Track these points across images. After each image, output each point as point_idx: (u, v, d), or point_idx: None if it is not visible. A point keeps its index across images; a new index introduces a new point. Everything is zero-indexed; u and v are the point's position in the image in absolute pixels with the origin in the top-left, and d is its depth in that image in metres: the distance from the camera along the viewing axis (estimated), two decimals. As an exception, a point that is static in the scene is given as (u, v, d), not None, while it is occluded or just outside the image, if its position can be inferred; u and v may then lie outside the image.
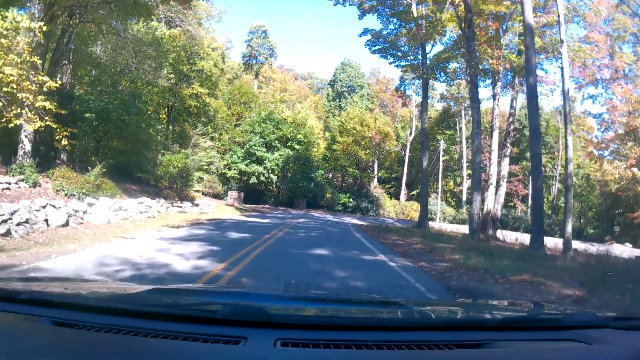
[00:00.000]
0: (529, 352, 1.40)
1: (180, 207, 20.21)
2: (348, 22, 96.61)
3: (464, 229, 23.25)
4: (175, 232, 10.53)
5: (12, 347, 1.20)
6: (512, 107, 24.32)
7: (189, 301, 1.69)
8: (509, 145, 23.52)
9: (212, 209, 22.92)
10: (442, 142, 45.18)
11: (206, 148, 32.56)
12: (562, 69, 17.95)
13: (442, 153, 44.39)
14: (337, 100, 50.87)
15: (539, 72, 25.06)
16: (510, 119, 23.90)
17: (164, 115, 40.00)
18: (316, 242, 10.18)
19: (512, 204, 53.87)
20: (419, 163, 56.74)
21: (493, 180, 22.33)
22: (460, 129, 54.35)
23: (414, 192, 56.71)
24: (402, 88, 59.45)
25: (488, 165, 48.10)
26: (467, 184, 52.79)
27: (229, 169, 35.39)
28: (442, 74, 20.88)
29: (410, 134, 55.40)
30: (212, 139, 39.66)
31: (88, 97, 20.82)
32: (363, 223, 23.43)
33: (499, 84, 23.05)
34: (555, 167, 54.65)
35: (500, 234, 21.73)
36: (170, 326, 1.33)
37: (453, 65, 20.35)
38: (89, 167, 14.90)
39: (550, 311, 2.11)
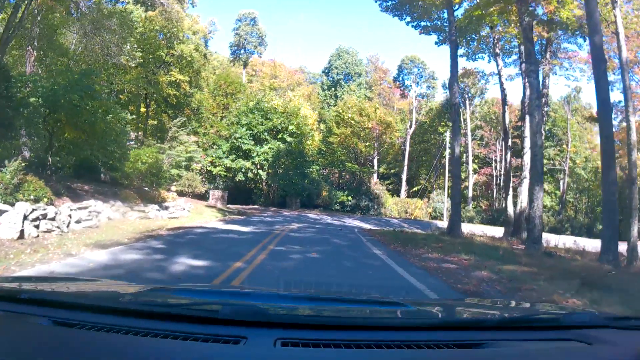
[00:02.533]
0: (529, 352, 1.37)
1: (143, 211, 16.15)
2: (342, 11, 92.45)
3: (488, 230, 19.36)
4: (90, 258, 6.53)
5: (12, 347, 1.20)
6: (543, 85, 20.48)
7: (189, 301, 1.66)
8: (542, 131, 19.69)
9: (187, 213, 18.84)
10: (448, 133, 41.19)
11: (185, 142, 28.35)
12: (617, 34, 14.48)
13: (448, 145, 40.41)
14: (333, 89, 46.48)
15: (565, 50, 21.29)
16: (543, 100, 20.05)
17: (144, 109, 35.96)
18: (321, 272, 6.23)
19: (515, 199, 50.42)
20: (418, 158, 53.76)
21: (526, 172, 18.49)
22: (465, 120, 50.64)
23: (415, 189, 53.12)
24: (400, 78, 55.65)
25: (494, 159, 44.29)
26: (472, 179, 49.17)
27: (214, 166, 31.20)
28: (473, 36, 16.84)
29: (410, 126, 51.63)
30: (196, 133, 35.59)
31: (33, 78, 16.85)
32: (371, 227, 19.49)
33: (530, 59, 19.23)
34: (565, 160, 50.93)
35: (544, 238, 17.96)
36: (170, 326, 1.32)
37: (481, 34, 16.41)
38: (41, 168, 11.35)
39: (550, 311, 2.10)
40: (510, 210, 17.99)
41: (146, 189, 21.14)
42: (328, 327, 1.38)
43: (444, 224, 31.93)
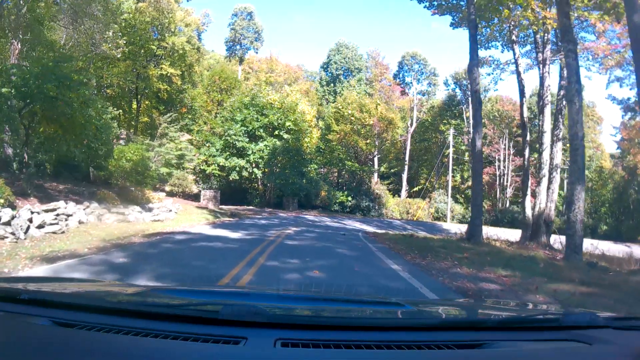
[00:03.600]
0: (529, 352, 1.38)
1: (123, 213, 14.47)
2: (340, 7, 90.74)
3: (501, 233, 17.69)
4: (24, 276, 4.92)
5: (12, 347, 1.20)
6: (562, 77, 18.88)
7: (189, 301, 1.64)
8: (561, 125, 18.14)
9: (174, 215, 17.17)
10: (452, 130, 39.68)
11: (176, 138, 26.61)
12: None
13: (452, 143, 38.88)
14: (332, 84, 44.58)
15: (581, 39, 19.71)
16: (561, 93, 18.47)
17: (135, 106, 34.19)
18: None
19: (520, 199, 48.92)
20: (419, 157, 52.07)
21: (545, 171, 16.93)
22: (467, 118, 49.04)
23: (416, 189, 51.51)
24: (400, 75, 53.96)
25: (497, 158, 43.09)
26: (476, 178, 47.64)
27: (208, 165, 29.40)
28: (487, 22, 15.09)
29: (411, 124, 50.03)
30: (190, 131, 33.86)
31: (5, 67, 15.33)
32: (375, 230, 17.86)
33: (548, 47, 17.65)
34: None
35: (558, 240, 16.36)
36: (170, 326, 1.32)
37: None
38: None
39: (550, 311, 2.09)
40: (529, 212, 16.44)
41: (132, 188, 19.48)
42: (328, 328, 1.38)
43: (450, 226, 30.35)
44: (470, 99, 12.72)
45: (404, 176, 49.02)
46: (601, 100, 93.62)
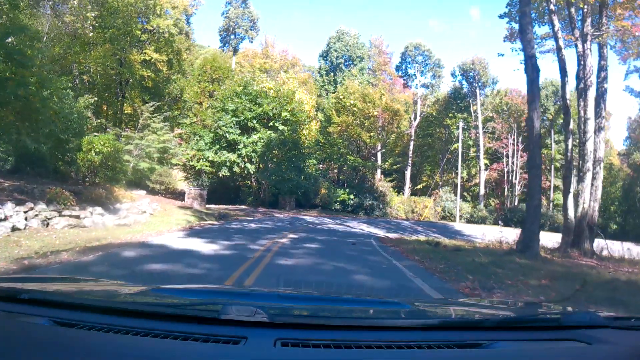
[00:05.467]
0: (529, 352, 1.38)
1: (78, 217, 11.68)
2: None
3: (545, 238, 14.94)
4: None
5: (12, 347, 1.20)
6: (601, 56, 16.17)
7: (189, 301, 1.65)
8: (603, 113, 15.48)
9: (147, 217, 14.39)
10: (461, 123, 36.95)
11: (158, 129, 23.72)
12: None
13: (461, 135, 36.15)
14: (332, 74, 41.52)
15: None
16: (603, 74, 15.75)
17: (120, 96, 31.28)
18: None
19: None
20: (422, 153, 49.37)
21: (589, 164, 14.24)
22: (475, 111, 46.41)
23: (420, 186, 48.88)
24: (403, 67, 51.12)
25: (505, 154, 40.62)
26: (484, 175, 44.97)
27: (197, 160, 26.48)
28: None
29: (415, 118, 47.32)
30: (179, 124, 31.00)
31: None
32: (387, 234, 15.17)
33: (588, 20, 14.92)
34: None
35: (605, 247, 13.68)
36: (170, 326, 1.31)
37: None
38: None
39: (550, 311, 2.06)
40: (571, 213, 13.77)
41: (107, 186, 16.72)
42: (328, 328, 1.37)
43: (462, 227, 27.66)
44: (525, 67, 9.88)
45: (407, 173, 46.40)
46: (610, 95, 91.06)
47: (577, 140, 16.74)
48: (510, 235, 13.05)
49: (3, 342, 1.23)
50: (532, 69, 9.88)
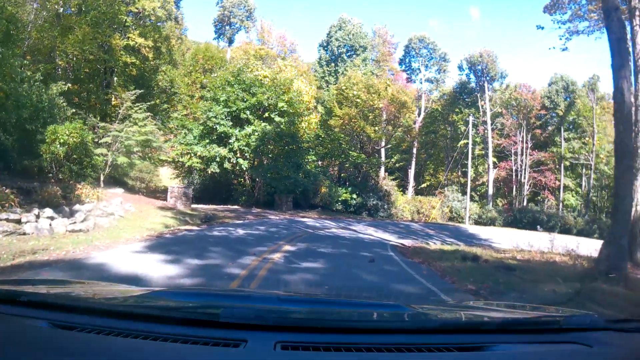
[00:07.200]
0: (529, 354, 1.37)
1: (18, 221, 9.21)
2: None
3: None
4: None
5: (10, 349, 1.17)
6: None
7: (189, 304, 1.64)
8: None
9: (113, 220, 11.88)
10: (471, 117, 34.49)
11: (140, 120, 21.16)
12: None
13: (471, 130, 33.70)
14: (333, 64, 38.86)
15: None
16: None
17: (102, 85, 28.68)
18: None
19: (541, 197, 44.10)
20: (426, 151, 46.90)
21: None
22: (483, 106, 43.96)
23: (424, 185, 46.49)
24: (406, 61, 48.57)
25: (513, 152, 38.20)
26: (492, 174, 42.56)
27: (188, 156, 23.90)
28: None
29: (419, 114, 44.88)
30: (170, 118, 28.46)
31: None
32: (403, 241, 12.71)
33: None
34: (591, 154, 44.37)
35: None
36: (170, 329, 1.30)
37: None
38: None
39: (550, 314, 2.00)
40: (627, 216, 11.33)
41: (72, 183, 14.26)
42: (328, 330, 1.36)
43: (476, 230, 25.22)
44: (607, 24, 7.30)
45: (411, 171, 43.99)
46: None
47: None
48: (559, 243, 10.57)
49: (2, 344, 1.21)
50: (618, 25, 7.43)
